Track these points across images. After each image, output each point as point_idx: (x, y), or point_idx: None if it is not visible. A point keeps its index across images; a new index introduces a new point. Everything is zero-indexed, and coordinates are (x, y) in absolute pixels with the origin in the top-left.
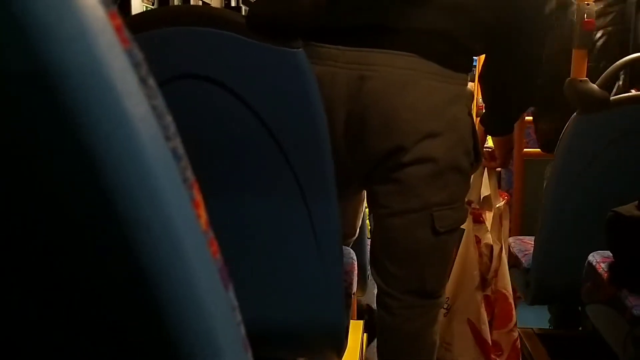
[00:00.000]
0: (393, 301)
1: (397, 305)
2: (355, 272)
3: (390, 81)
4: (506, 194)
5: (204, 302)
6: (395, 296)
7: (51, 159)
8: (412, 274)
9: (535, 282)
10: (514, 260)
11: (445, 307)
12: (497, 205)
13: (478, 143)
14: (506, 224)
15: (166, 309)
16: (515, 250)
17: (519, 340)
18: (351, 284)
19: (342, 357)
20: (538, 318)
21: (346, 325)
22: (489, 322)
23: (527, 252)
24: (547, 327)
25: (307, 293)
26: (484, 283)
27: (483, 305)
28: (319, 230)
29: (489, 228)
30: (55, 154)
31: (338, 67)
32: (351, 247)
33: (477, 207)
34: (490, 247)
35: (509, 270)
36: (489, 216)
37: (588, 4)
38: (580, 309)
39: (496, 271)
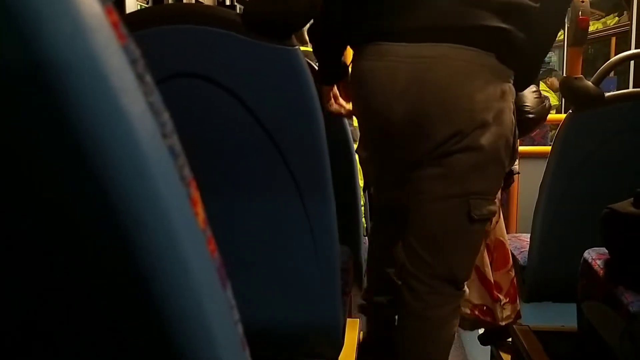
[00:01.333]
0: (422, 286)
1: (426, 291)
2: (352, 270)
3: (452, 72)
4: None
5: (202, 300)
6: (425, 281)
7: (47, 156)
8: (443, 259)
9: (530, 279)
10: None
11: None
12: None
13: (516, 141)
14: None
15: (164, 307)
16: (511, 247)
17: (515, 279)
18: (347, 282)
19: (338, 355)
20: (534, 315)
21: (343, 323)
22: (490, 265)
23: (522, 250)
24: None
25: (303, 291)
26: (485, 234)
27: (485, 252)
28: (315, 228)
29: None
30: (51, 151)
31: (399, 62)
32: (347, 245)
33: None
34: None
35: None
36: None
37: (583, 2)
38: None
39: (496, 223)
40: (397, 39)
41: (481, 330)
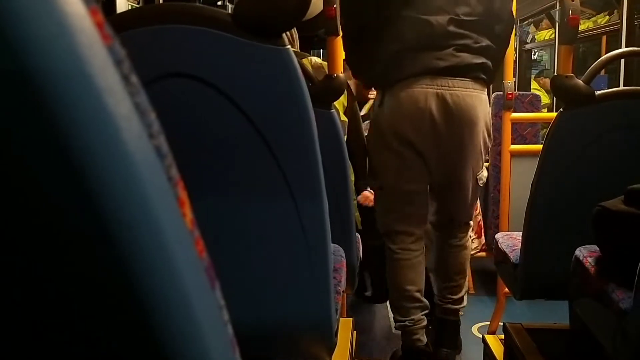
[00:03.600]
0: (453, 229)
1: (456, 231)
2: (344, 269)
3: (465, 95)
4: None
5: (190, 301)
6: (454, 226)
7: (31, 158)
8: (466, 210)
9: (523, 277)
10: (502, 256)
11: None
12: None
13: (491, 129)
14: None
15: (152, 308)
16: (503, 246)
17: (481, 220)
18: (340, 281)
19: (332, 354)
20: (526, 313)
21: (336, 323)
22: None
23: (515, 248)
24: (536, 322)
25: (296, 291)
26: None
27: None
28: (307, 227)
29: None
30: (35, 153)
31: (430, 88)
32: (340, 246)
33: None
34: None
35: (499, 265)
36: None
37: (573, 1)
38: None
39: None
40: (426, 74)
41: (476, 327)
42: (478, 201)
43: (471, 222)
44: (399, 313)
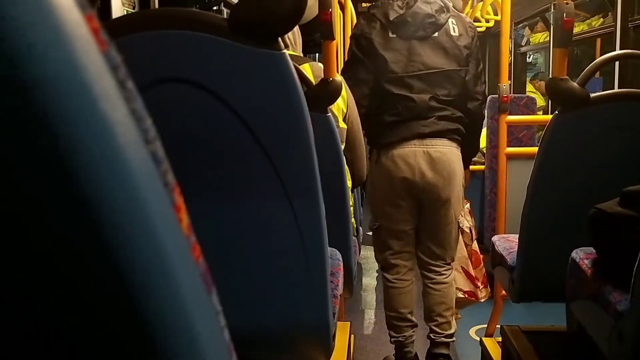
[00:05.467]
0: (438, 267)
1: (443, 270)
2: (342, 273)
3: (445, 151)
4: (466, 200)
5: (187, 307)
6: (438, 264)
7: (26, 164)
8: (448, 250)
9: (520, 280)
10: (499, 259)
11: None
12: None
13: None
14: (469, 218)
15: (148, 314)
16: (499, 248)
17: (485, 270)
18: (337, 285)
19: (329, 358)
20: (524, 315)
21: (333, 326)
22: (470, 265)
23: (511, 250)
24: (533, 324)
25: (293, 295)
26: (467, 248)
27: (467, 258)
28: (304, 231)
29: (465, 219)
30: (30, 159)
31: (418, 147)
32: (337, 249)
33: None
34: (467, 229)
35: (495, 268)
36: (464, 212)
37: (567, 4)
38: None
39: (471, 240)
40: (415, 138)
41: (473, 330)
42: (481, 255)
43: (453, 263)
44: (394, 330)
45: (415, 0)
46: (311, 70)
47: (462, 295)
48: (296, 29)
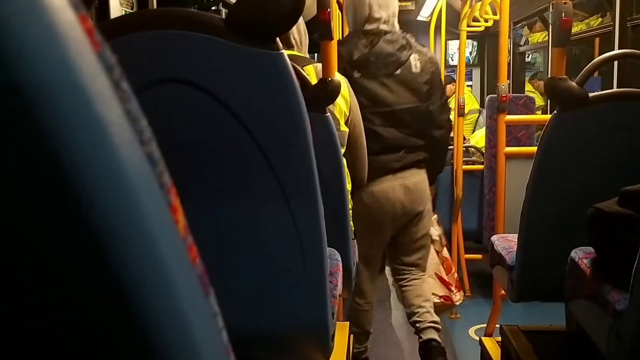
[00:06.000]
0: (412, 274)
1: (417, 275)
2: (341, 273)
3: (418, 180)
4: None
5: (184, 309)
6: (413, 271)
7: (19, 167)
8: (421, 259)
9: (518, 280)
10: (498, 259)
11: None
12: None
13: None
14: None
15: (145, 317)
16: (499, 248)
17: (457, 275)
18: (337, 285)
19: (329, 358)
20: (523, 315)
21: (332, 326)
22: (443, 271)
23: (510, 250)
24: (532, 324)
25: (292, 296)
26: (438, 254)
27: (440, 265)
28: (303, 232)
29: (434, 228)
30: (23, 160)
31: (394, 182)
32: (336, 250)
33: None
34: (437, 237)
35: (494, 268)
36: (432, 221)
37: (566, 3)
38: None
39: (441, 247)
40: (390, 173)
41: (473, 329)
42: (451, 263)
43: (422, 264)
44: (358, 342)
45: (379, 39)
46: (315, 72)
47: (438, 300)
48: (303, 29)
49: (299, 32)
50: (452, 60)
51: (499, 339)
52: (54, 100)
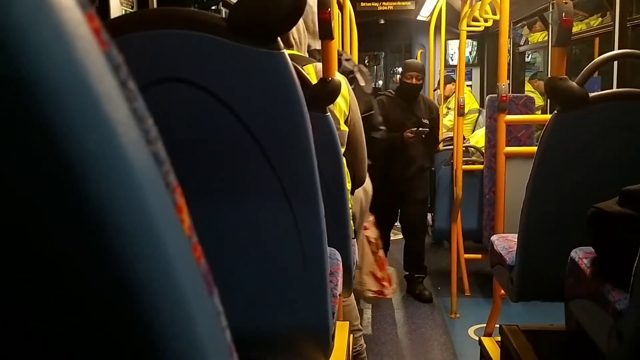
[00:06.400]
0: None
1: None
2: (341, 273)
3: None
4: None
5: (188, 308)
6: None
7: (26, 165)
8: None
9: (519, 279)
10: (498, 258)
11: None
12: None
13: None
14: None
15: (149, 315)
16: (498, 248)
17: (389, 271)
18: (337, 285)
19: (329, 358)
20: (522, 314)
21: (332, 326)
22: (377, 268)
23: (510, 250)
24: (532, 323)
25: (292, 295)
26: (374, 255)
27: (375, 263)
28: (303, 232)
29: (371, 233)
30: (30, 160)
31: None
32: (336, 249)
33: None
34: (373, 239)
35: (494, 267)
36: (369, 225)
37: (566, 3)
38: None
39: (377, 248)
40: None
41: (472, 329)
42: (384, 261)
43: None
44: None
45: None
46: (315, 71)
47: (372, 295)
48: (302, 29)
49: (299, 31)
50: (452, 60)
51: (499, 338)
52: (61, 99)
